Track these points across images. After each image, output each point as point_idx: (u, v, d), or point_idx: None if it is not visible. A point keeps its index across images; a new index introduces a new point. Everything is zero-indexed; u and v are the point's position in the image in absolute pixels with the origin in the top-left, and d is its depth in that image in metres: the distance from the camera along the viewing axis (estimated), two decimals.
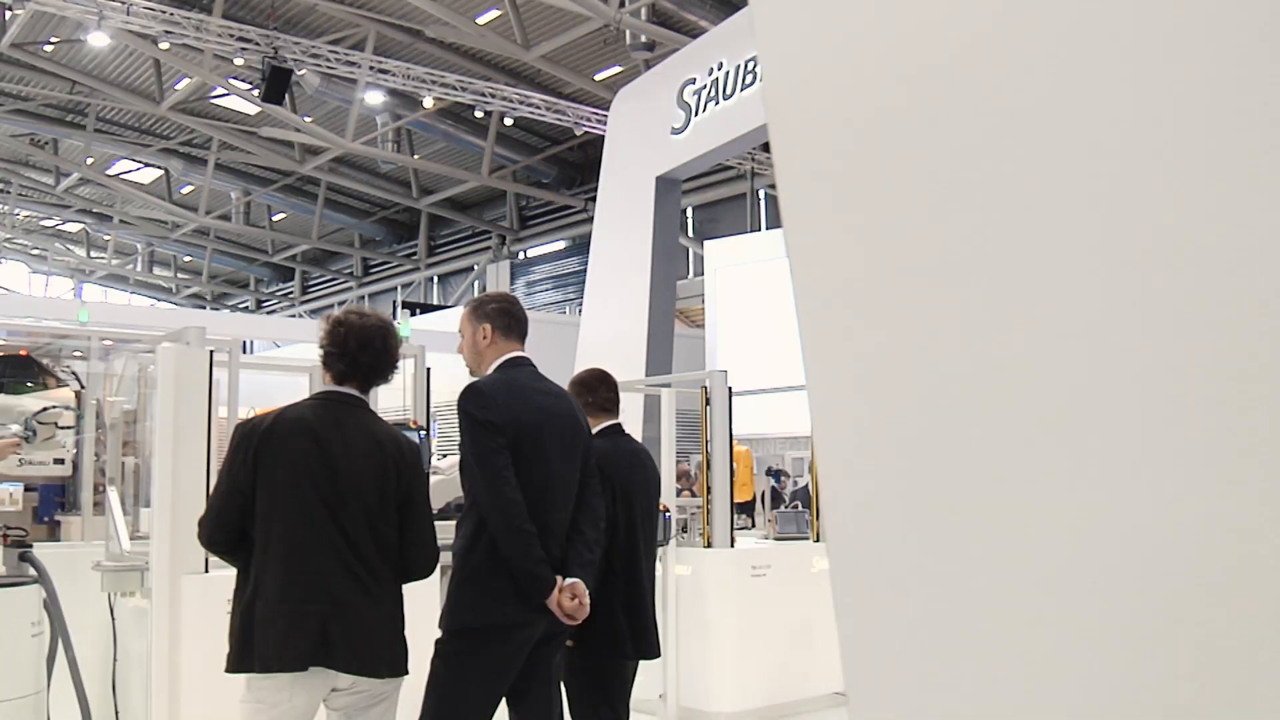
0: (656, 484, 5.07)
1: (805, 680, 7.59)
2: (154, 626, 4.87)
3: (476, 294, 32.21)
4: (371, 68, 19.45)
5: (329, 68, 19.16)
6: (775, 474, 10.25)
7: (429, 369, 6.02)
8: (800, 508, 8.94)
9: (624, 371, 7.04)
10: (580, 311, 17.73)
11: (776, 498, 10.75)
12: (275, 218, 34.55)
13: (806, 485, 11.67)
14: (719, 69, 12.53)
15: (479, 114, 21.77)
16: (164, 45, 18.74)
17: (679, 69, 13.37)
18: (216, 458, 5.15)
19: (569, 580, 3.94)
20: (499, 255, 32.40)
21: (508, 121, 22.78)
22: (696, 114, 12.92)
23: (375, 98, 22.11)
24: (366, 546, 3.62)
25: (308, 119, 24.15)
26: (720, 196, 26.47)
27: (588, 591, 3.98)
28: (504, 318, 4.21)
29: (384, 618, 3.65)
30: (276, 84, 17.58)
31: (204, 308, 40.43)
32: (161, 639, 4.85)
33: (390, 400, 5.64)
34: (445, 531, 3.98)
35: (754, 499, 11.68)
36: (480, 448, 3.92)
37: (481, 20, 20.01)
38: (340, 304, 38.43)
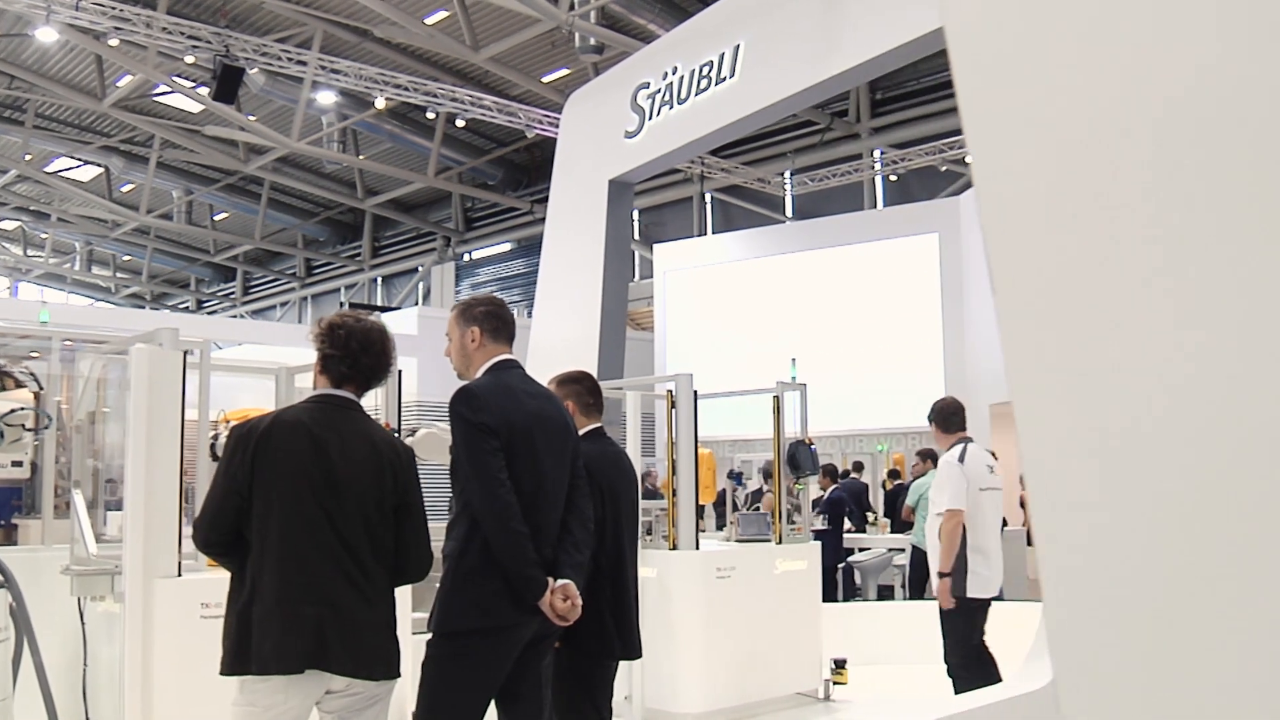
0: (637, 486, 5.11)
1: (769, 681, 7.65)
2: (126, 631, 4.82)
3: (421, 296, 32.08)
4: (323, 67, 19.29)
5: (281, 67, 18.97)
6: (736, 477, 10.30)
7: (400, 371, 5.99)
8: (762, 510, 8.99)
9: None
10: (528, 314, 17.69)
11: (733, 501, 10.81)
12: (217, 217, 34.15)
13: (760, 488, 11.75)
14: (673, 73, 12.52)
15: (430, 115, 21.65)
16: (113, 42, 18.46)
17: (633, 72, 13.35)
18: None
19: (560, 582, 3.96)
20: (444, 257, 32.25)
21: (459, 123, 22.66)
22: (650, 118, 12.90)
23: (327, 98, 21.94)
24: (362, 549, 3.62)
25: (252, 118, 23.91)
26: (667, 200, 26.53)
27: (579, 593, 4.00)
28: (492, 320, 4.23)
29: (378, 620, 3.66)
30: (228, 82, 17.35)
31: (143, 307, 39.87)
32: (134, 643, 4.81)
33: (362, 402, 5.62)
34: (437, 535, 3.98)
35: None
36: (474, 450, 3.93)
37: (430, 21, 19.91)
38: (283, 305, 38.17)
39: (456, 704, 3.89)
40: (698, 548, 7.39)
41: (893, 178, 23.00)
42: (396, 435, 5.78)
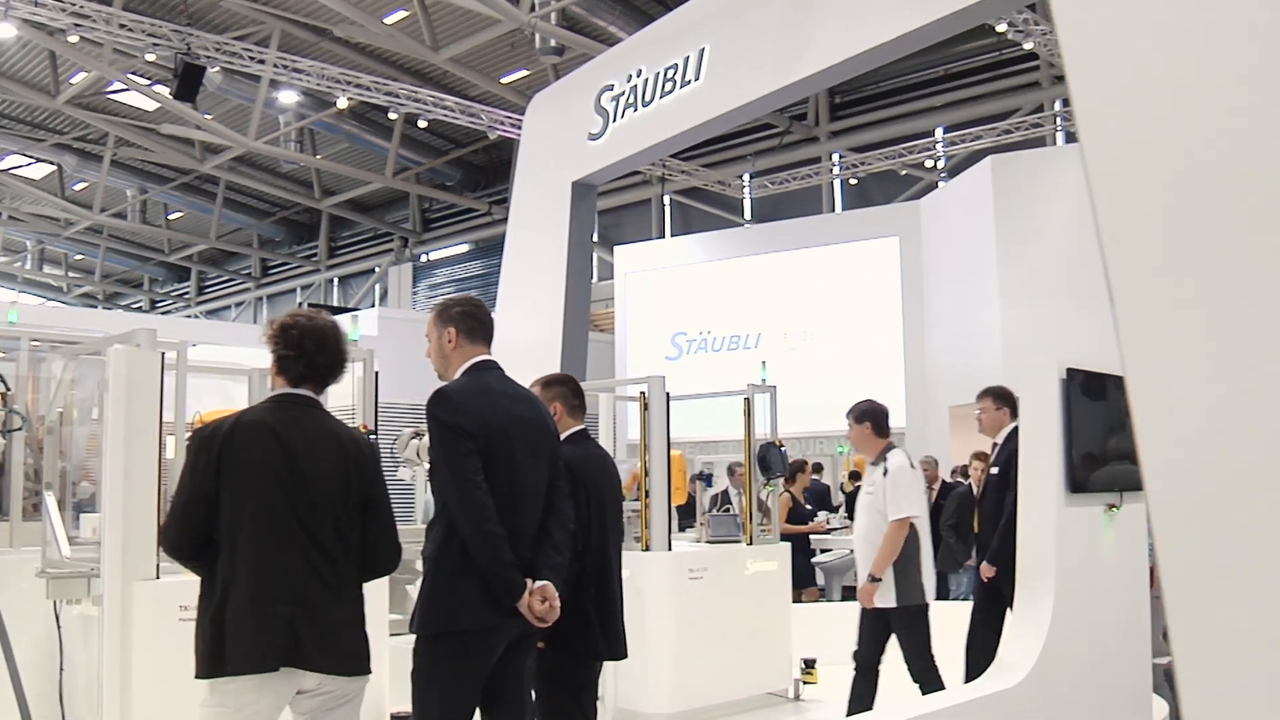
0: (621, 488, 5.13)
1: (740, 681, 7.69)
2: (105, 634, 4.78)
3: (378, 297, 31.90)
4: (284, 66, 19.13)
5: (242, 65, 18.80)
6: (706, 478, 10.33)
7: (377, 372, 5.99)
8: (732, 510, 9.03)
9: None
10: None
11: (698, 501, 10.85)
12: (172, 216, 33.79)
13: (726, 489, 11.78)
14: (638, 76, 12.54)
15: (391, 115, 21.54)
16: (72, 38, 18.25)
17: (597, 75, 13.35)
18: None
19: (539, 583, 3.97)
20: (401, 258, 32.12)
21: (421, 124, 22.56)
22: (614, 120, 12.91)
23: (288, 97, 21.79)
24: (331, 546, 3.63)
25: (208, 116, 23.70)
26: (626, 201, 26.55)
27: (557, 594, 4.01)
28: (469, 321, 4.24)
29: (348, 617, 3.67)
30: (189, 81, 17.15)
31: (95, 307, 39.43)
32: (112, 647, 4.77)
33: (338, 402, 5.59)
34: (415, 535, 3.99)
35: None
36: (450, 452, 3.95)
37: (389, 20, 19.83)
38: (238, 305, 37.87)
39: (442, 705, 3.91)
40: (670, 549, 7.41)
41: (852, 181, 23.14)
42: (371, 434, 5.79)
